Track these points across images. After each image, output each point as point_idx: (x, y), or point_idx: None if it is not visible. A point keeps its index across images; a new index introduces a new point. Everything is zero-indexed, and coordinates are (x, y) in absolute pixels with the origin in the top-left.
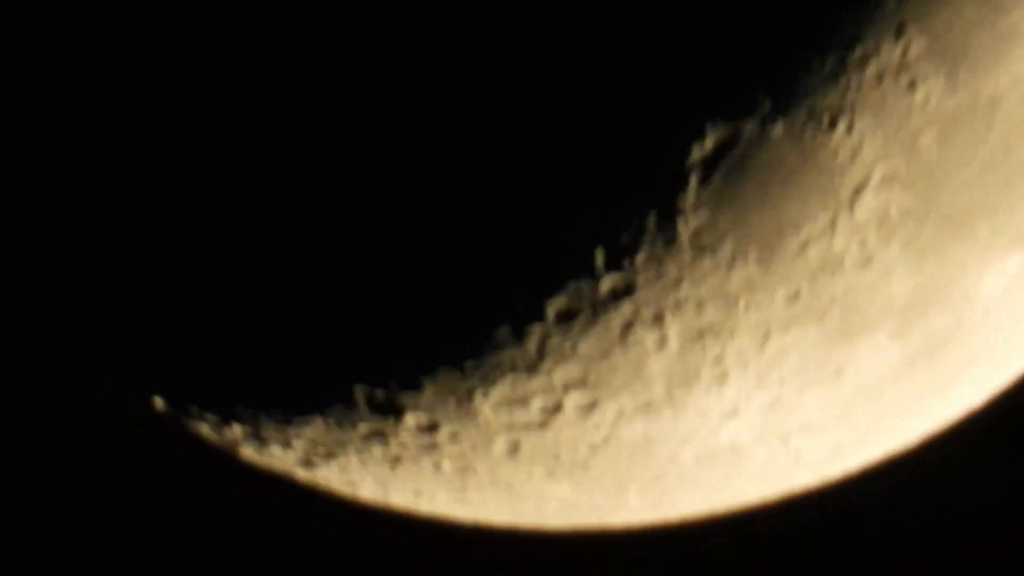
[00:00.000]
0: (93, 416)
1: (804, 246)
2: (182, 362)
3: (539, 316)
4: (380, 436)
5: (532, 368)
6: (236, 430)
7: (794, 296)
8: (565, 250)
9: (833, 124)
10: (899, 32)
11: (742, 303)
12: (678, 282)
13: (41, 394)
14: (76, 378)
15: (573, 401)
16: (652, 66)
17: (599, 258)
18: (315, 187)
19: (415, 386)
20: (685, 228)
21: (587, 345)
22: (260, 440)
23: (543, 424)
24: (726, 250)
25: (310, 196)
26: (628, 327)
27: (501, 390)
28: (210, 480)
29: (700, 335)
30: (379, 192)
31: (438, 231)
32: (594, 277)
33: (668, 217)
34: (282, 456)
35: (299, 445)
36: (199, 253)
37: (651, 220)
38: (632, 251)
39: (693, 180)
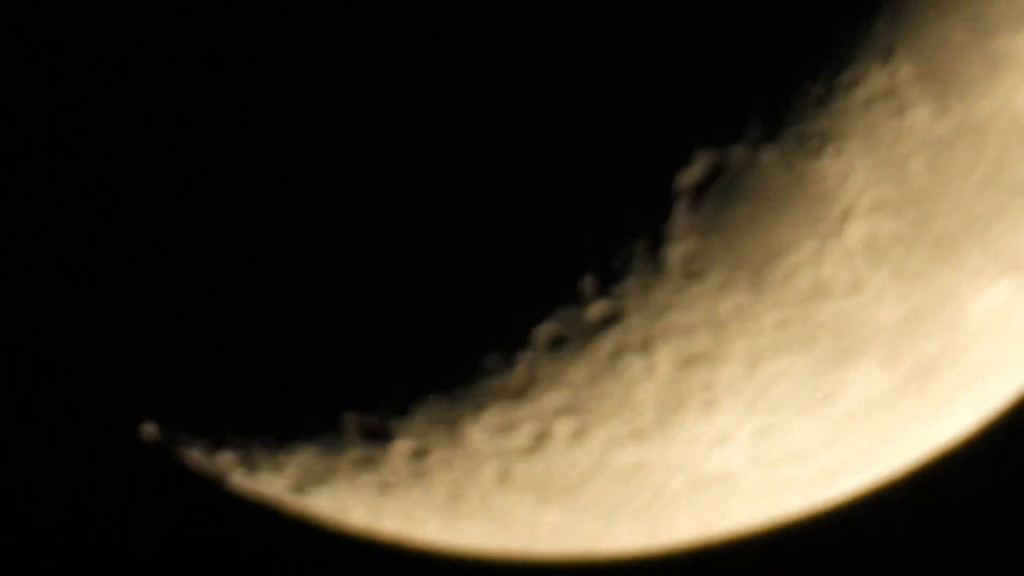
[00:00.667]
0: (83, 441)
1: (793, 272)
2: (172, 388)
3: (528, 343)
4: (370, 462)
5: (521, 395)
6: (226, 456)
7: (783, 322)
8: (553, 276)
9: (822, 149)
10: (888, 56)
11: (731, 329)
12: (667, 308)
13: (33, 419)
14: (67, 403)
15: (562, 428)
16: (640, 91)
17: (588, 285)
18: (302, 213)
19: (405, 412)
20: (674, 254)
21: (576, 372)
22: (250, 466)
23: (533, 450)
24: (715, 276)
25: (297, 223)
26: (617, 354)
27: (491, 416)
28: (200, 506)
29: (689, 362)
30: (367, 218)
31: (426, 257)
32: (583, 304)
33: (657, 243)
34: (272, 482)
35: (289, 472)
36: (188, 279)
37: (640, 246)
38: (621, 277)
39: (682, 206)
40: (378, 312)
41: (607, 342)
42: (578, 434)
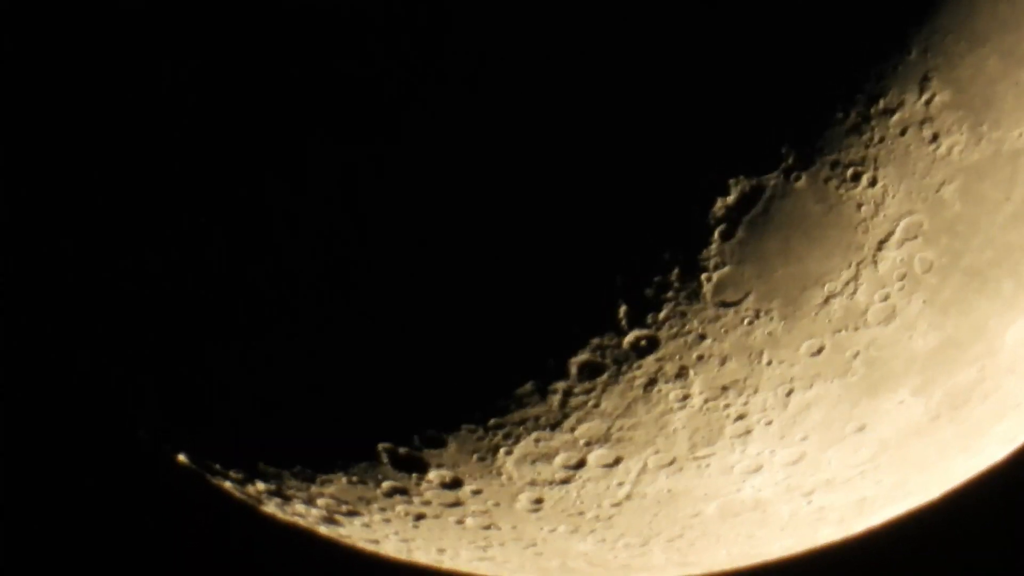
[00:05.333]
0: (117, 471)
1: (827, 300)
2: (207, 419)
3: (562, 372)
4: (403, 493)
5: (555, 424)
6: (259, 487)
7: (817, 351)
8: (588, 306)
9: (857, 177)
10: (923, 84)
11: (765, 358)
12: (701, 337)
13: (65, 448)
14: (103, 432)
15: (596, 457)
16: (675, 121)
17: (622, 313)
18: (346, 249)
19: (438, 443)
20: (708, 283)
21: (610, 401)
22: (283, 497)
23: (566, 480)
24: (749, 305)
25: (337, 260)
26: (651, 383)
27: (524, 446)
28: (234, 537)
29: (723, 391)
30: (404, 252)
31: (462, 289)
32: (617, 333)
33: (691, 272)
34: (305, 513)
35: (322, 502)
36: (227, 311)
37: (674, 275)
38: (655, 306)
39: (716, 235)
40: (411, 343)
41: (641, 371)
42: (611, 464)
